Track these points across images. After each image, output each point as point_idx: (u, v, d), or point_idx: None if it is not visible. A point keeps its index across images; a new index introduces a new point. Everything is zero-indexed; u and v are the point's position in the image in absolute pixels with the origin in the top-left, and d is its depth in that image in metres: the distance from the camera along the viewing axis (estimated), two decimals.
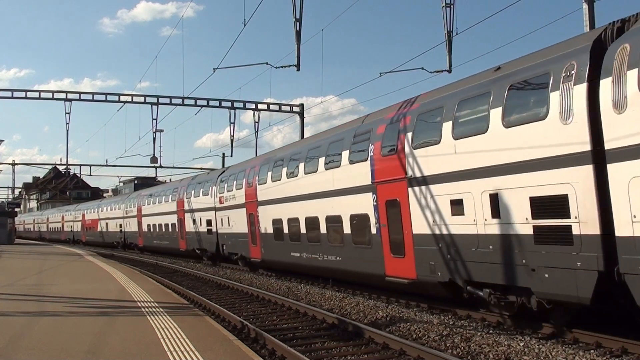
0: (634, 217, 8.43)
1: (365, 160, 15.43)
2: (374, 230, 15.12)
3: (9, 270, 23.33)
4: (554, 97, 9.77)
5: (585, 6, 14.98)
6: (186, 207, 33.58)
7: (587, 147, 9.18)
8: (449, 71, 18.82)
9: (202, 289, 19.46)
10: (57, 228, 75.28)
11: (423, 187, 13.04)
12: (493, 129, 10.95)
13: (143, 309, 12.47)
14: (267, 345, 10.22)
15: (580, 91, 9.35)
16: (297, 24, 16.72)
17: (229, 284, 20.16)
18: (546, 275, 9.89)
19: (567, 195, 9.47)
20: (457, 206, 12.02)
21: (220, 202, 28.38)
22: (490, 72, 11.96)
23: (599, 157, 9.03)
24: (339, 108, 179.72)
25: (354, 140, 16.32)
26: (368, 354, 9.69)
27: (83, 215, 62.97)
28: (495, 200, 10.91)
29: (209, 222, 30.17)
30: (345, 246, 16.71)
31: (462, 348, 9.80)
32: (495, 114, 10.95)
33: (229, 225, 27.27)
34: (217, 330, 10.10)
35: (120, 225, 49.44)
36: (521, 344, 9.62)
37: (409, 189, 13.53)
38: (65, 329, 10.10)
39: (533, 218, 10.12)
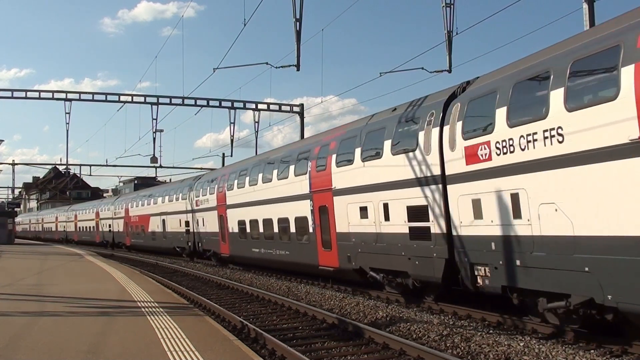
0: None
1: None
2: None
3: (9, 270, 23.33)
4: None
5: (585, 6, 14.99)
6: (338, 184, 16.72)
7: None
8: (449, 71, 18.80)
9: (202, 289, 19.46)
10: (90, 228, 60.09)
11: None
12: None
13: (143, 309, 12.48)
14: (267, 345, 10.22)
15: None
16: (297, 24, 16.71)
17: (229, 284, 20.15)
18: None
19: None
20: None
21: (471, 160, 11.61)
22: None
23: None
24: (339, 108, 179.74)
25: None
26: (368, 354, 9.69)
27: (127, 210, 47.36)
28: None
29: (417, 212, 13.50)
30: None
31: (462, 348, 9.81)
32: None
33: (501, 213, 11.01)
34: (217, 330, 10.10)
35: (187, 224, 33.54)
36: (521, 344, 9.62)
37: None
38: (65, 329, 10.10)
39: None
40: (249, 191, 24.04)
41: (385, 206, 14.59)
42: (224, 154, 47.83)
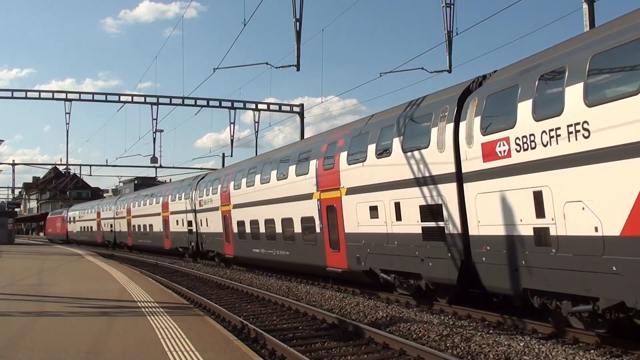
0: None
1: None
2: None
3: (9, 270, 23.34)
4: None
5: (585, 6, 14.99)
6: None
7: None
8: (449, 71, 18.82)
9: (202, 289, 19.46)
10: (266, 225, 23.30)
11: None
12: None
13: (143, 309, 12.48)
14: (267, 345, 10.22)
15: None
16: (297, 24, 16.72)
17: (229, 284, 20.15)
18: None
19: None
20: None
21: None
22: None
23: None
24: (339, 108, 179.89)
25: None
26: (368, 354, 9.69)
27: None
28: None
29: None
30: None
31: (462, 348, 9.80)
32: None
33: None
34: (217, 330, 10.10)
35: None
36: (521, 344, 9.62)
37: None
38: (65, 329, 10.10)
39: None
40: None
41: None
42: (224, 154, 47.93)
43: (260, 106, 35.60)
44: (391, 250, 14.61)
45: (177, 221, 35.03)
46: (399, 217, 14.20)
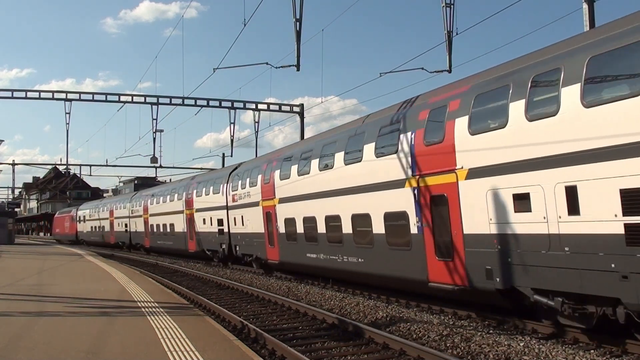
0: None
1: None
2: None
3: (9, 270, 23.33)
4: None
5: (585, 6, 15.00)
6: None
7: None
8: (449, 71, 18.85)
9: (202, 289, 19.46)
10: None
11: None
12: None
13: (143, 309, 12.47)
14: (267, 345, 10.22)
15: None
16: (297, 24, 16.75)
17: (229, 284, 20.15)
18: None
19: None
20: None
21: None
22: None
23: None
24: (339, 108, 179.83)
25: None
26: (368, 354, 9.69)
27: None
28: None
29: None
30: None
31: (462, 348, 9.80)
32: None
33: None
34: (217, 330, 10.10)
35: None
36: (521, 344, 9.62)
37: None
38: (65, 329, 10.10)
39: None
40: None
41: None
42: (224, 154, 47.94)
43: (260, 106, 35.64)
44: (557, 260, 9.71)
45: (204, 220, 30.71)
46: (573, 210, 9.34)
